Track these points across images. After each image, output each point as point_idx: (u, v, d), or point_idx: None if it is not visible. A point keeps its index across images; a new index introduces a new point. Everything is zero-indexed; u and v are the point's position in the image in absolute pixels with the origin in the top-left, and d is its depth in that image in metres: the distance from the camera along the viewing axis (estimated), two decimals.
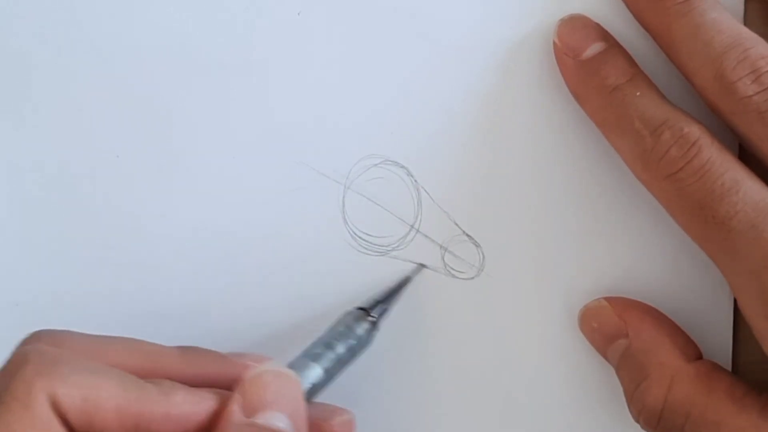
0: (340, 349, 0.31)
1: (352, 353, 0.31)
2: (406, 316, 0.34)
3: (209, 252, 0.35)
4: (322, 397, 0.31)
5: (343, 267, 0.34)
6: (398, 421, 0.34)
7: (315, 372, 0.30)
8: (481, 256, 0.34)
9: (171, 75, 0.34)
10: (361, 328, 0.32)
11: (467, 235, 0.34)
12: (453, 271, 0.34)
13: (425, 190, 0.34)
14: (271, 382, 0.28)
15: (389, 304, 0.33)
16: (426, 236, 0.34)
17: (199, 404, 0.27)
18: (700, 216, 0.29)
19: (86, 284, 0.34)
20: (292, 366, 0.29)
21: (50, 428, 0.25)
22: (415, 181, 0.34)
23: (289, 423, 0.27)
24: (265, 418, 0.27)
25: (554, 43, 0.33)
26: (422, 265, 0.34)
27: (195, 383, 0.28)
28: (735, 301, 0.33)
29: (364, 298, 0.33)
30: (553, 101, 0.34)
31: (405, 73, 0.34)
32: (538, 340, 0.34)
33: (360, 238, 0.34)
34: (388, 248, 0.34)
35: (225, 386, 0.28)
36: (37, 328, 0.29)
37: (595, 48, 0.32)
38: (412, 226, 0.34)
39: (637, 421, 0.31)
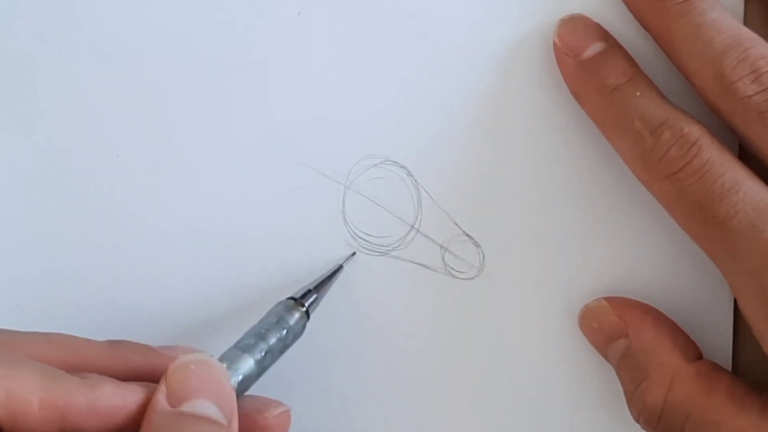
0: (272, 339, 0.30)
1: (284, 344, 0.31)
2: (406, 316, 0.34)
3: (209, 252, 0.35)
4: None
5: (343, 267, 0.34)
6: (398, 421, 0.34)
7: (246, 363, 0.29)
8: (481, 256, 0.34)
9: (171, 75, 0.34)
10: (293, 318, 0.31)
11: (467, 235, 0.34)
12: (453, 271, 0.34)
13: (425, 190, 0.34)
14: (196, 371, 0.27)
15: (320, 293, 0.33)
16: (426, 236, 0.34)
17: (126, 397, 0.27)
18: (700, 216, 0.29)
19: (86, 284, 0.34)
20: (223, 358, 0.29)
21: None
22: (415, 181, 0.34)
23: (216, 410, 0.27)
24: (191, 406, 0.26)
25: (554, 43, 0.33)
26: (354, 254, 0.34)
27: (124, 377, 0.28)
28: (735, 301, 0.33)
29: (297, 288, 0.33)
30: (553, 101, 0.34)
31: (405, 73, 0.34)
32: (538, 340, 0.34)
33: (360, 238, 0.34)
34: (388, 248, 0.34)
35: (154, 380, 0.28)
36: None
37: (595, 48, 0.32)
38: (412, 226, 0.34)
39: (637, 421, 0.31)
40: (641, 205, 0.33)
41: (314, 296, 0.32)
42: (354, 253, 0.34)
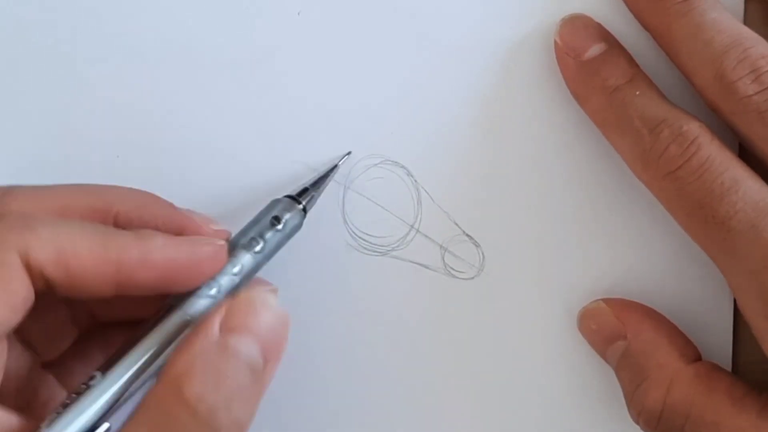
0: (268, 234, 0.30)
1: (281, 239, 0.31)
2: (405, 316, 0.34)
3: None
4: None
5: (343, 267, 0.34)
6: (398, 421, 0.34)
7: (246, 260, 0.30)
8: (481, 256, 0.34)
9: (171, 75, 0.34)
10: (290, 214, 0.31)
11: (467, 235, 0.34)
12: (453, 271, 0.34)
13: (425, 190, 0.34)
14: (259, 310, 0.27)
15: (317, 191, 0.33)
16: (426, 236, 0.34)
17: (177, 249, 0.27)
18: (699, 215, 0.29)
19: None
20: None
21: (11, 279, 0.25)
22: (415, 181, 0.34)
23: (257, 354, 0.27)
24: (237, 340, 0.27)
25: (555, 43, 0.33)
26: (349, 153, 0.34)
27: (144, 226, 0.29)
28: (735, 301, 0.33)
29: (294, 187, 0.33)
30: (553, 101, 0.34)
31: (405, 73, 0.34)
32: (537, 340, 0.34)
33: (360, 238, 0.34)
34: (388, 248, 0.34)
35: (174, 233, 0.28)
36: None
37: (596, 49, 0.32)
38: (412, 226, 0.34)
39: (637, 423, 0.31)
40: (641, 205, 0.33)
41: (310, 194, 0.32)
42: (349, 152, 0.34)
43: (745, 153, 0.31)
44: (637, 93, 0.31)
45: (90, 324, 0.31)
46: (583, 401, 0.34)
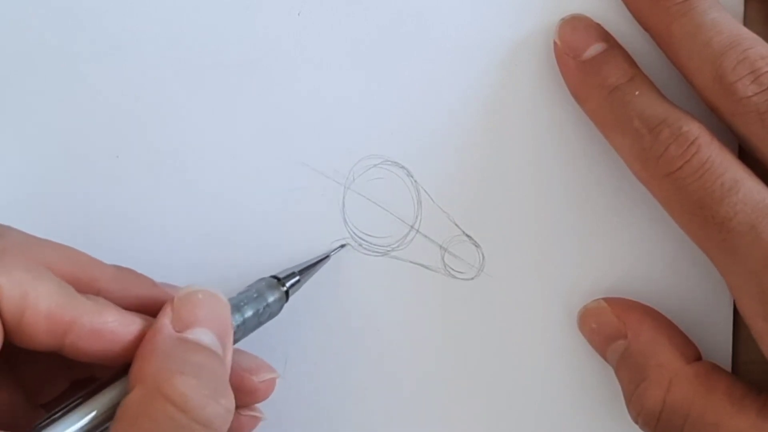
0: (248, 313, 0.31)
1: (259, 320, 0.31)
2: (405, 316, 0.34)
3: (209, 252, 0.35)
4: None
5: (343, 267, 0.34)
6: (398, 421, 0.35)
7: None
8: (481, 256, 0.34)
9: (171, 75, 0.34)
10: (272, 296, 0.31)
11: (467, 236, 0.34)
12: (453, 272, 0.34)
13: (425, 190, 0.34)
14: (203, 301, 0.28)
15: (303, 277, 0.33)
16: (426, 236, 0.34)
17: (128, 325, 0.28)
18: (699, 216, 0.29)
19: None
20: None
21: None
22: (415, 181, 0.34)
23: (216, 341, 0.28)
24: (194, 334, 0.27)
25: (555, 43, 0.33)
26: (344, 245, 0.34)
27: (124, 304, 0.29)
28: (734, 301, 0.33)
29: (281, 269, 0.33)
30: (553, 101, 0.34)
31: (405, 73, 0.34)
32: (538, 340, 0.34)
33: (360, 238, 0.34)
34: (388, 248, 0.34)
35: (153, 313, 0.29)
36: None
37: (595, 48, 0.32)
38: (412, 227, 0.34)
39: (636, 422, 0.31)
40: (641, 205, 0.33)
41: (297, 278, 0.32)
42: (344, 245, 0.34)
43: (745, 154, 0.31)
44: (637, 93, 0.31)
45: (87, 375, 0.31)
46: (583, 401, 0.34)
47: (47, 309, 0.26)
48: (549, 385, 0.34)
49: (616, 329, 0.32)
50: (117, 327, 0.27)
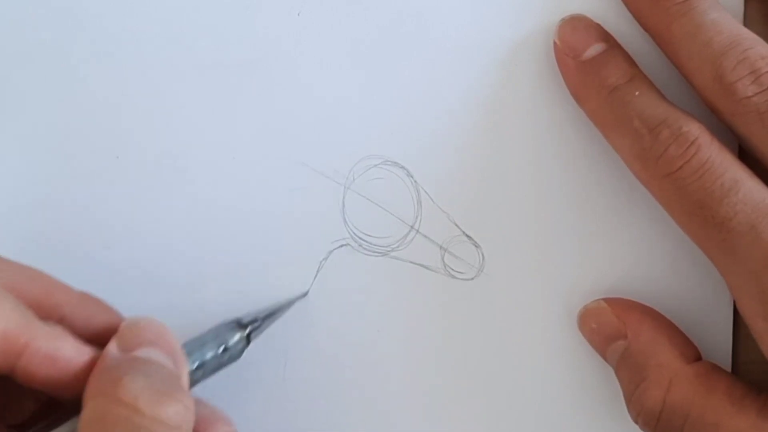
0: (208, 355, 0.30)
1: (219, 362, 0.31)
2: (405, 316, 0.34)
3: (209, 252, 0.35)
4: None
5: (343, 267, 0.34)
6: (398, 421, 0.35)
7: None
8: (481, 257, 0.34)
9: (171, 75, 0.34)
10: (233, 339, 0.31)
11: (467, 236, 0.34)
12: (453, 272, 0.34)
13: (425, 191, 0.34)
14: (146, 327, 0.28)
15: (265, 322, 0.32)
16: (426, 236, 0.34)
17: (82, 354, 0.27)
18: (699, 216, 0.29)
19: (84, 285, 0.34)
20: None
21: None
22: (415, 181, 0.34)
23: (165, 358, 0.27)
24: (143, 352, 0.27)
25: (555, 43, 0.33)
26: (306, 293, 0.34)
27: (86, 332, 0.28)
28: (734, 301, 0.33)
29: (247, 311, 0.33)
30: (553, 101, 0.34)
31: (405, 73, 0.34)
32: (538, 340, 0.34)
33: (360, 238, 0.34)
34: (388, 248, 0.34)
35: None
36: None
37: (595, 48, 0.32)
38: (411, 227, 0.34)
39: (636, 422, 0.31)
40: (641, 206, 0.33)
41: (258, 323, 0.32)
42: (306, 293, 0.34)
43: (745, 154, 0.31)
44: (637, 93, 0.31)
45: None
46: (583, 401, 0.34)
47: (2, 329, 0.26)
48: (549, 385, 0.34)
49: (616, 329, 0.32)
50: (71, 354, 0.27)
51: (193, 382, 0.30)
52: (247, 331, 0.32)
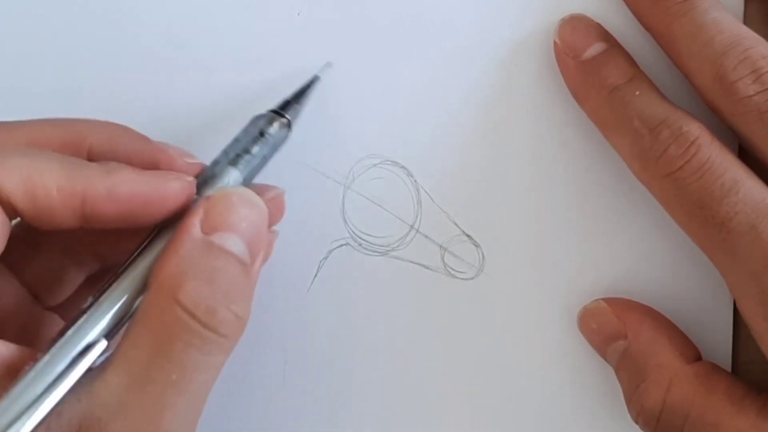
0: (256, 151, 0.30)
1: (267, 154, 0.31)
2: (405, 316, 0.34)
3: None
4: None
5: (343, 267, 0.34)
6: (398, 421, 0.34)
7: (234, 176, 0.30)
8: (481, 256, 0.34)
9: (171, 75, 0.34)
10: (274, 128, 0.31)
11: (467, 235, 0.34)
12: (453, 271, 0.34)
13: (425, 190, 0.34)
14: (236, 205, 0.28)
15: (300, 104, 0.32)
16: (426, 236, 0.34)
17: (144, 184, 0.27)
18: (699, 216, 0.29)
19: None
20: (211, 170, 0.30)
21: None
22: (415, 181, 0.34)
23: (244, 249, 0.27)
24: (222, 239, 0.27)
25: (555, 43, 0.33)
26: (329, 64, 0.34)
27: (118, 159, 0.28)
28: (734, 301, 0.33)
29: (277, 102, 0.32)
30: (553, 101, 0.34)
31: (405, 73, 0.34)
32: (537, 340, 0.34)
33: (360, 238, 0.34)
34: (388, 248, 0.34)
35: (148, 167, 0.29)
36: None
37: (595, 48, 0.32)
38: (411, 226, 0.34)
39: (636, 422, 0.31)
40: (641, 206, 0.33)
41: (294, 107, 0.32)
42: (329, 63, 0.34)
43: (745, 154, 0.31)
44: (637, 93, 0.31)
45: (97, 268, 0.31)
46: (583, 401, 0.34)
47: (56, 185, 0.26)
48: (549, 385, 0.34)
49: (616, 329, 0.32)
50: (133, 186, 0.27)
51: (250, 178, 0.30)
52: (288, 117, 0.32)
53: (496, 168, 0.34)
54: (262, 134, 0.31)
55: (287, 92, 0.33)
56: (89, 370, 0.26)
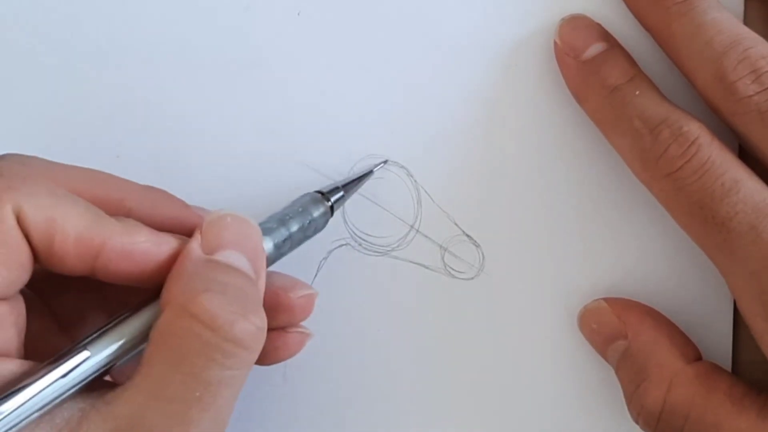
0: (293, 227, 0.30)
1: (305, 234, 0.31)
2: (405, 316, 0.34)
3: None
4: None
5: (343, 267, 0.34)
6: (398, 421, 0.34)
7: (266, 245, 0.29)
8: (481, 256, 0.34)
9: (171, 75, 0.34)
10: (317, 211, 0.31)
11: (467, 235, 0.34)
12: (453, 271, 0.34)
13: (425, 190, 0.34)
14: (232, 224, 0.28)
15: (348, 192, 0.33)
16: (426, 236, 0.34)
17: (160, 245, 0.27)
18: (699, 216, 0.29)
19: None
20: None
21: (12, 236, 0.26)
22: (415, 181, 0.34)
23: (247, 263, 0.27)
24: (224, 256, 0.27)
25: (555, 43, 0.33)
26: (385, 161, 0.34)
27: (154, 225, 0.28)
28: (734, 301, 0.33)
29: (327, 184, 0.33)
30: (553, 101, 0.34)
31: (405, 73, 0.34)
32: (538, 340, 0.34)
33: (360, 238, 0.34)
34: (388, 248, 0.34)
35: (185, 235, 0.28)
36: None
37: (596, 48, 0.32)
38: (412, 226, 0.34)
39: (637, 422, 0.31)
40: (641, 206, 0.33)
41: (341, 194, 0.32)
42: (386, 161, 0.34)
43: (745, 153, 0.31)
44: (637, 93, 0.31)
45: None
46: (583, 401, 0.34)
47: (76, 232, 0.26)
48: (549, 385, 0.34)
49: (616, 329, 0.32)
50: (148, 247, 0.27)
51: (280, 255, 0.30)
52: (331, 201, 0.32)
53: (496, 168, 0.34)
54: (303, 212, 0.31)
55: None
56: (111, 388, 0.26)
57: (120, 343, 0.27)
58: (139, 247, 0.27)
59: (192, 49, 0.34)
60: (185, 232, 0.28)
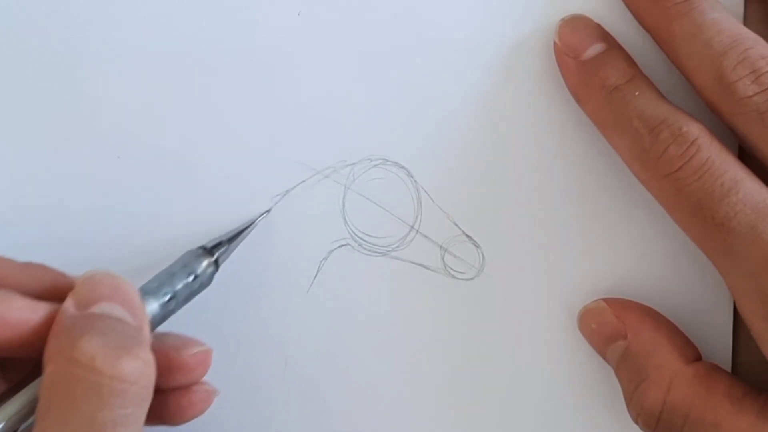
0: (178, 285, 0.30)
1: (190, 291, 0.31)
2: (405, 316, 0.34)
3: None
4: None
5: (343, 267, 0.34)
6: (398, 421, 0.34)
7: (150, 307, 0.29)
8: (481, 257, 0.34)
9: (171, 75, 0.34)
10: (201, 266, 0.31)
11: (467, 236, 0.34)
12: (453, 272, 0.34)
13: (425, 191, 0.34)
14: (103, 280, 0.28)
15: (231, 245, 0.33)
16: (426, 237, 0.34)
17: (34, 311, 0.27)
18: (699, 216, 0.29)
19: None
20: None
21: None
22: (415, 181, 0.34)
23: (124, 312, 0.27)
24: (100, 308, 0.27)
25: (555, 43, 0.33)
26: (267, 211, 0.34)
27: (31, 291, 0.28)
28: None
29: (208, 240, 0.33)
30: (553, 101, 0.34)
31: (405, 73, 0.34)
32: (537, 340, 0.34)
33: (360, 238, 0.34)
34: (388, 248, 0.34)
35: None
36: None
37: (595, 48, 0.32)
38: (412, 227, 0.34)
39: (636, 423, 0.31)
40: (641, 206, 0.33)
41: (224, 247, 0.32)
42: (269, 210, 0.34)
43: (745, 154, 0.31)
44: (637, 93, 0.31)
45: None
46: (583, 401, 0.34)
47: None
48: (549, 385, 0.34)
49: (616, 329, 0.32)
50: (23, 313, 0.27)
51: (168, 314, 0.30)
52: (215, 256, 0.32)
53: (496, 168, 0.34)
54: (186, 269, 0.31)
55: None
56: None
57: (15, 410, 0.27)
58: (14, 314, 0.27)
59: (192, 48, 0.34)
60: (64, 299, 0.28)
